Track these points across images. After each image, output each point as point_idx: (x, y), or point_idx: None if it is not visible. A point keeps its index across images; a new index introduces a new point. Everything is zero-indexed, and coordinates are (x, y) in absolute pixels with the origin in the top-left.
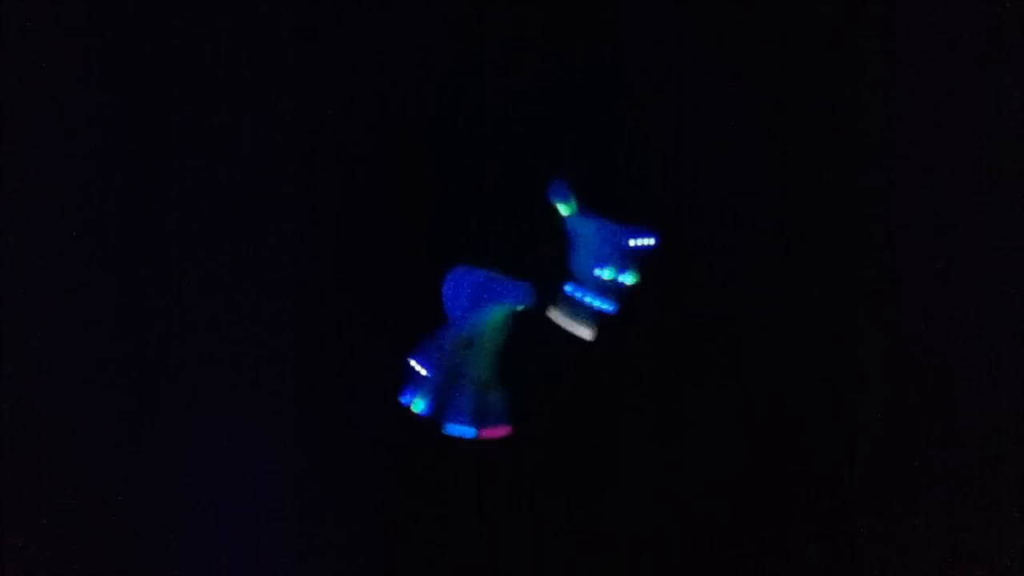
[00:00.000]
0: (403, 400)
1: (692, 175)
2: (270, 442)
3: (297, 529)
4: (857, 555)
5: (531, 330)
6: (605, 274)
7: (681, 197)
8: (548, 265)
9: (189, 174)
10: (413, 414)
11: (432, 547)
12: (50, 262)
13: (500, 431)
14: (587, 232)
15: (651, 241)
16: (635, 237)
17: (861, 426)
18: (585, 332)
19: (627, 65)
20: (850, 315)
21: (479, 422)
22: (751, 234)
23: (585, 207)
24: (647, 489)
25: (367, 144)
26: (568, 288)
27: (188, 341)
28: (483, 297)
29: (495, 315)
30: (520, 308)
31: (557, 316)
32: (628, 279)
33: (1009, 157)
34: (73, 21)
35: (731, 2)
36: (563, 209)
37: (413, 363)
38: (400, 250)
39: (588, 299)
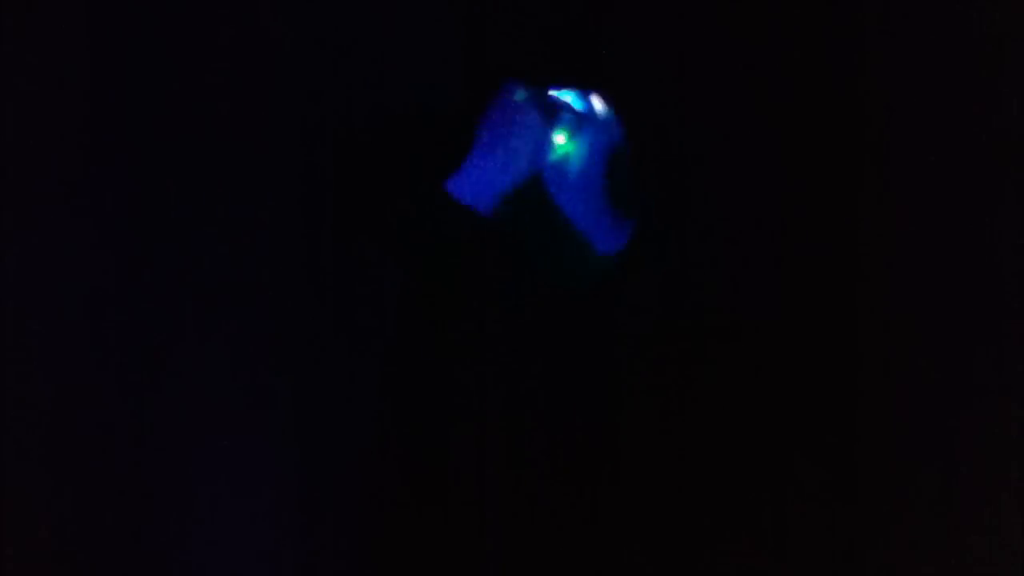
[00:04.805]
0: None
1: (690, 174)
2: (270, 440)
3: (296, 529)
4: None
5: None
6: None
7: (679, 194)
8: None
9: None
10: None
11: (431, 544)
12: (48, 260)
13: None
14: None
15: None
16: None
17: (860, 425)
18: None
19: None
20: (849, 314)
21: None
22: (749, 230)
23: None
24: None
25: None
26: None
27: (184, 337)
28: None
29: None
30: None
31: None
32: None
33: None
34: (70, 18)
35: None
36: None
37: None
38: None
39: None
